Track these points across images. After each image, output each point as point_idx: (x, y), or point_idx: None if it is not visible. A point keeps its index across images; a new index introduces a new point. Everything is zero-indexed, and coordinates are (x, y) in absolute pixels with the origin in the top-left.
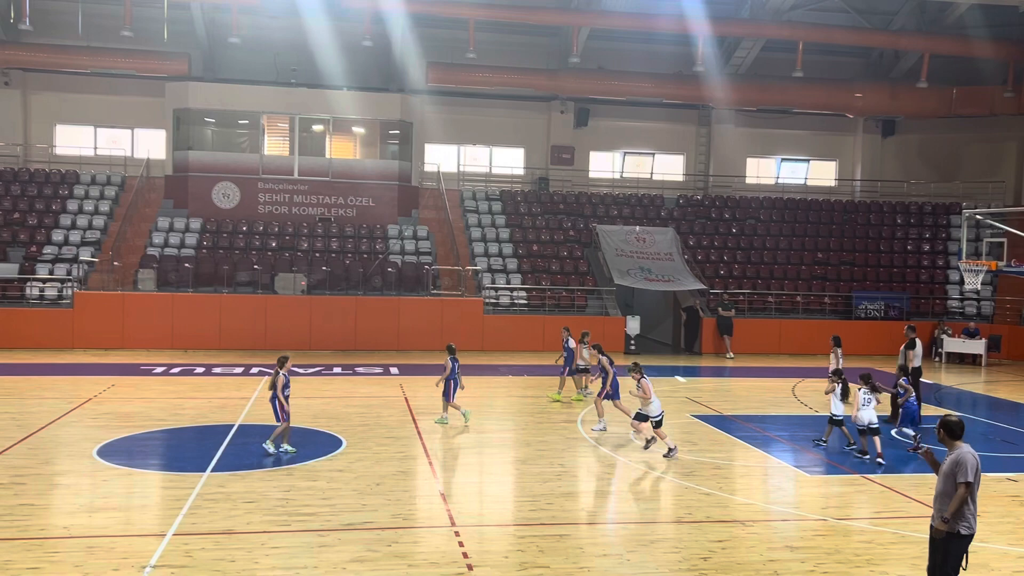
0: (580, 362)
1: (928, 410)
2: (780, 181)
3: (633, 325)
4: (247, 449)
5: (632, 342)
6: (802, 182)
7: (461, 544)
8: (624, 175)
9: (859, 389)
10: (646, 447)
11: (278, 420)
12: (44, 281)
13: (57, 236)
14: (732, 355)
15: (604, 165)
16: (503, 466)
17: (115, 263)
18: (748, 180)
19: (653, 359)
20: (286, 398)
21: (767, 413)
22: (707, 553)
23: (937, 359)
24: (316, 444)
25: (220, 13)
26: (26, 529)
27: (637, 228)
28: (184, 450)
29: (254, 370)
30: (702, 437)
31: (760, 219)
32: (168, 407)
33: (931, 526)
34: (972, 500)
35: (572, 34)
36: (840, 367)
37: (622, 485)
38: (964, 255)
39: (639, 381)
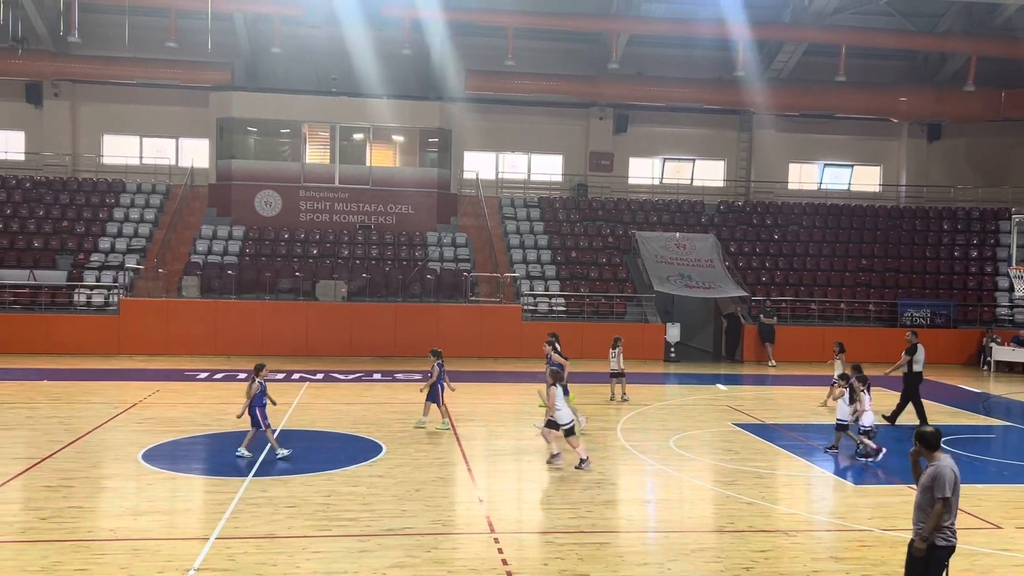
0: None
1: (974, 419)
2: (823, 187)
3: (673, 332)
4: (289, 454)
5: (672, 350)
6: (845, 187)
7: (500, 551)
8: (664, 181)
9: (862, 391)
10: (549, 461)
11: (254, 426)
12: (91, 288)
13: (104, 244)
14: (774, 363)
15: (643, 171)
16: (542, 473)
17: (160, 270)
18: (790, 186)
19: (694, 367)
20: (263, 405)
21: (810, 422)
22: (749, 563)
23: (985, 368)
24: (356, 450)
25: (262, 23)
26: (74, 531)
27: (677, 234)
28: (227, 455)
29: (295, 376)
30: (744, 446)
31: (803, 225)
32: (211, 412)
33: (910, 541)
34: (951, 512)
35: (611, 40)
36: (846, 373)
37: (662, 493)
38: (1013, 261)
39: (548, 388)
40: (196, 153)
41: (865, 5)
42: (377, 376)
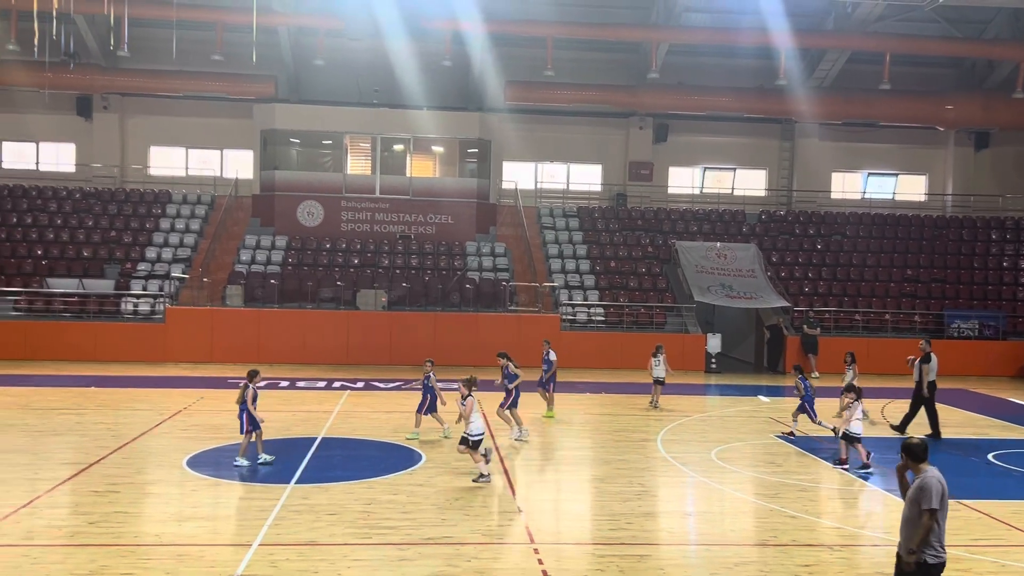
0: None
1: (1009, 431)
2: (867, 196)
3: (714, 343)
4: (330, 462)
5: (713, 360)
6: (890, 197)
7: (540, 561)
8: (704, 190)
9: (853, 401)
10: (476, 480)
11: (244, 431)
12: (138, 297)
13: (150, 253)
14: (817, 375)
15: (684, 181)
16: (581, 484)
17: (204, 279)
18: (833, 195)
19: (735, 378)
20: (254, 410)
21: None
22: None
23: None
24: (397, 458)
25: (306, 36)
26: (120, 536)
27: (718, 244)
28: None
29: (336, 384)
30: (786, 458)
31: (846, 235)
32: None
33: (897, 555)
34: (939, 526)
35: (651, 50)
36: (852, 384)
37: (704, 506)
38: None
39: (465, 398)
40: (240, 164)
41: (910, 12)
42: (417, 385)
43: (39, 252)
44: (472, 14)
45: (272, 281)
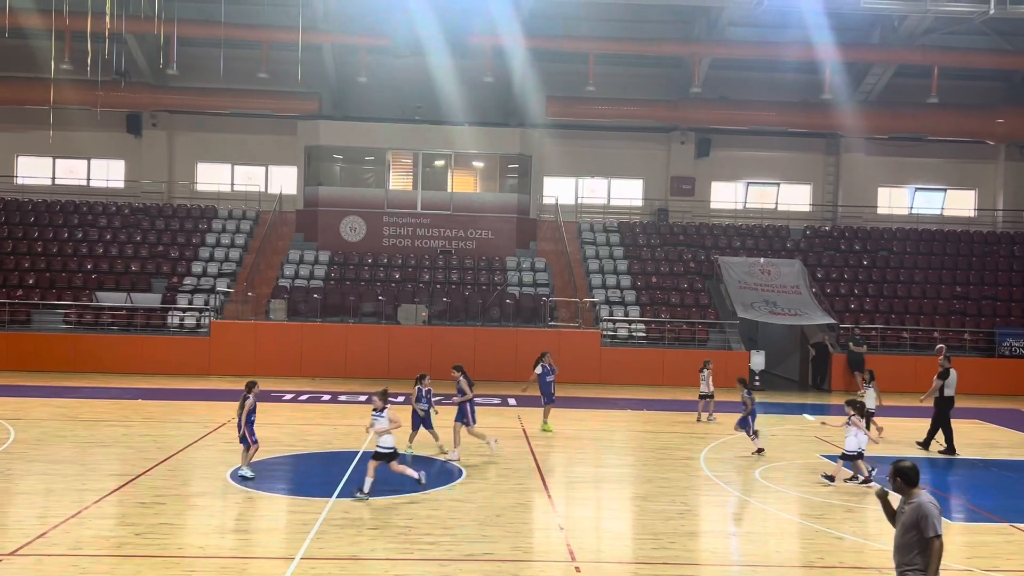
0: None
1: None
2: (914, 211)
3: (758, 360)
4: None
5: (756, 378)
6: (938, 212)
7: None
8: (747, 205)
9: (852, 417)
10: (356, 494)
11: (243, 443)
12: (184, 310)
13: (196, 268)
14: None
15: (726, 195)
16: (623, 502)
17: (249, 293)
18: (880, 210)
19: (779, 396)
20: (252, 422)
21: (903, 454)
22: None
23: None
24: (437, 473)
25: (349, 54)
26: (165, 547)
27: (762, 260)
28: (311, 475)
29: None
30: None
31: (893, 251)
32: (296, 433)
33: None
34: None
35: (694, 64)
36: (855, 399)
37: (748, 526)
38: None
39: (382, 410)
40: (285, 180)
41: (959, 24)
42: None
43: (89, 266)
44: (514, 30)
45: (315, 295)
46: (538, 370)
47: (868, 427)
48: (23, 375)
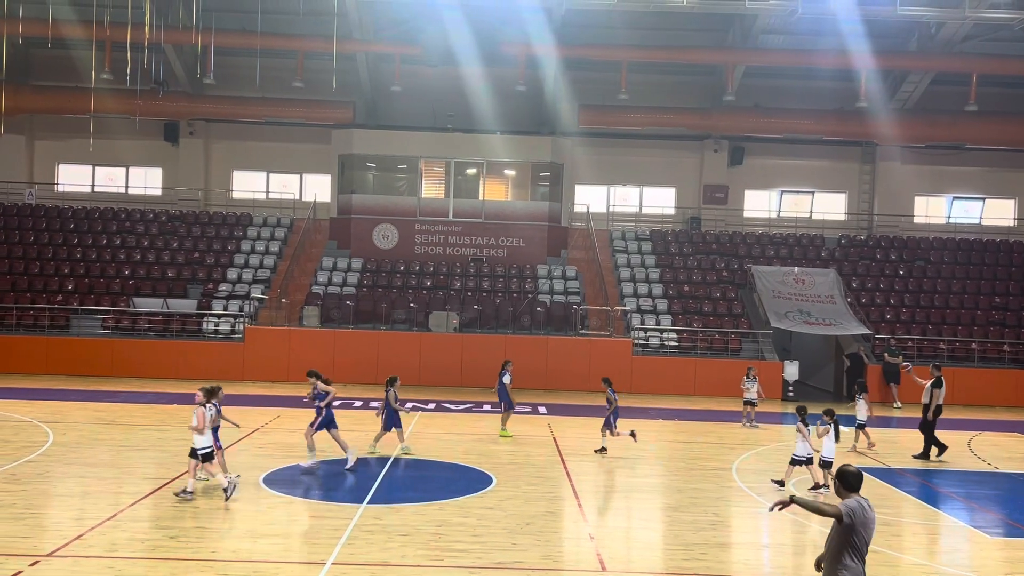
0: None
1: None
2: (952, 220)
3: (791, 370)
4: (402, 483)
5: (790, 388)
6: (976, 221)
7: None
8: (781, 214)
9: (820, 423)
10: (179, 494)
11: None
12: (219, 316)
13: (232, 274)
14: (899, 404)
15: (760, 204)
16: (653, 512)
17: (283, 300)
18: (916, 219)
19: (813, 406)
20: (216, 428)
21: (939, 468)
22: None
23: None
24: (467, 480)
25: (383, 63)
26: (199, 550)
27: (796, 269)
28: (342, 481)
29: (408, 405)
30: (868, 491)
31: (930, 261)
32: (328, 439)
33: None
34: (854, 553)
35: (727, 72)
36: (870, 415)
37: (780, 538)
38: None
39: (198, 407)
40: (319, 188)
41: (998, 31)
42: (487, 407)
43: (126, 272)
44: (547, 39)
45: (347, 302)
46: (506, 379)
47: (857, 438)
48: (62, 379)
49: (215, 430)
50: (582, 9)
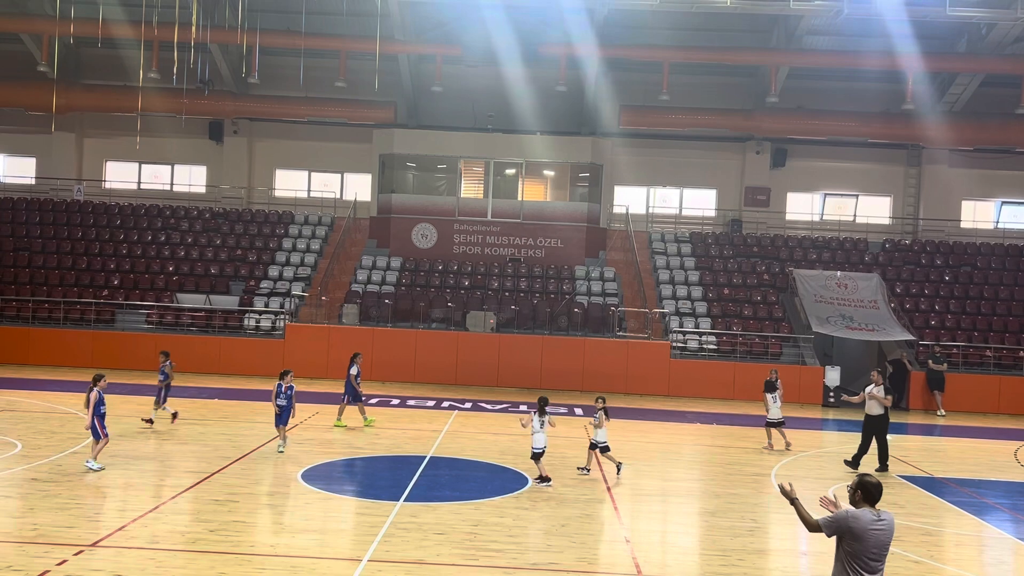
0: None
1: None
2: (1000, 225)
3: (832, 376)
4: (438, 481)
5: (831, 394)
6: None
7: None
8: (824, 217)
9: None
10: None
11: (95, 437)
12: (260, 313)
13: (273, 271)
14: (943, 412)
15: (802, 207)
16: (690, 516)
17: (323, 298)
18: (963, 224)
19: (854, 413)
20: (102, 416)
21: (984, 477)
22: None
23: None
24: (503, 480)
25: (424, 63)
26: (238, 544)
27: (838, 273)
28: (379, 478)
29: (445, 404)
30: (910, 500)
31: (977, 266)
32: (366, 436)
33: None
34: (854, 563)
35: (770, 73)
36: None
37: (819, 546)
38: None
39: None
40: (359, 187)
41: None
42: (523, 407)
43: (170, 268)
44: (588, 39)
45: (386, 301)
46: (352, 371)
47: (771, 437)
48: (107, 372)
49: (101, 416)
50: (624, 9)
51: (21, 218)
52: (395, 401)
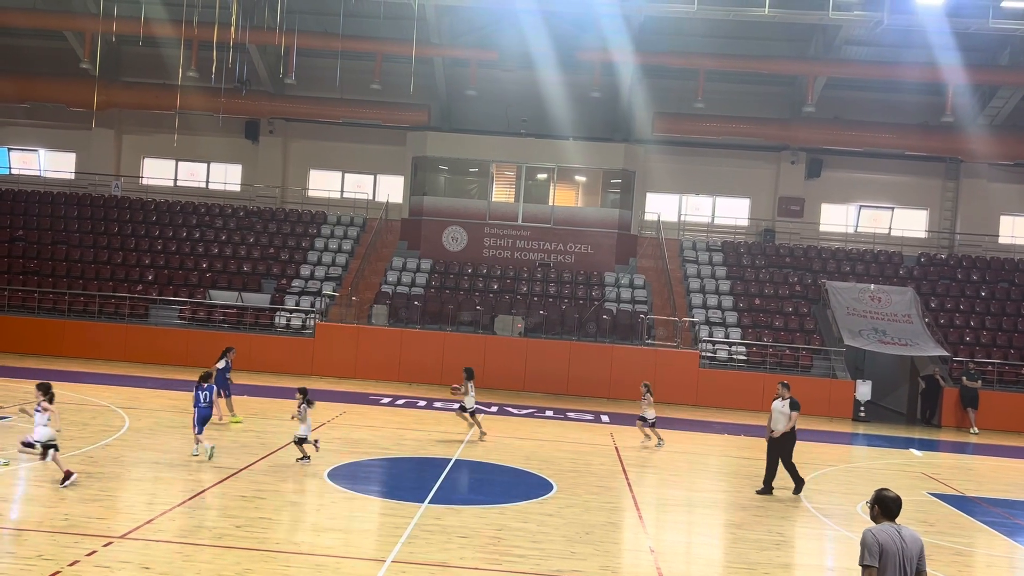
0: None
1: None
2: None
3: (864, 390)
4: (462, 484)
5: (862, 409)
6: None
7: None
8: (859, 229)
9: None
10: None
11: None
12: (291, 312)
13: (305, 271)
14: (976, 430)
15: (837, 218)
16: (716, 528)
17: (353, 298)
18: (1001, 240)
19: (885, 428)
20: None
21: (1017, 498)
22: None
23: None
24: (527, 485)
25: (459, 67)
26: (264, 541)
27: (872, 286)
28: (404, 479)
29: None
30: (940, 518)
31: (1015, 283)
32: (392, 436)
33: None
34: None
35: (807, 83)
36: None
37: (846, 561)
38: None
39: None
40: (392, 189)
41: None
42: (549, 413)
43: (204, 265)
44: (624, 46)
45: (416, 303)
46: (220, 364)
47: (648, 437)
48: (139, 366)
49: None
50: (661, 16)
51: (60, 212)
52: (422, 403)
